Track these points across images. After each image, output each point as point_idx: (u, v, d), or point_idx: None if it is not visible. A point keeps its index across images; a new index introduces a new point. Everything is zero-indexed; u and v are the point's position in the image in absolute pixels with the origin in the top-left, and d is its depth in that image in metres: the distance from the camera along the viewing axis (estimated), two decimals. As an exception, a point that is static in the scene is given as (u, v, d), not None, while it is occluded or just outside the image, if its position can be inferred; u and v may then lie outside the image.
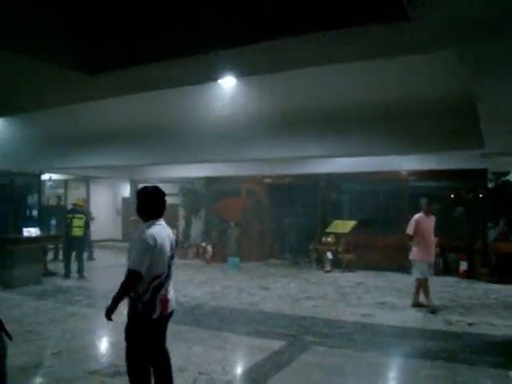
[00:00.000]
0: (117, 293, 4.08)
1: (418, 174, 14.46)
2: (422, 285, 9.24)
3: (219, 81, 7.05)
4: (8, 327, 7.51)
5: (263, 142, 10.00)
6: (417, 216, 9.49)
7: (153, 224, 4.27)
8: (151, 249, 4.06)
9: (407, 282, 12.22)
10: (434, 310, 8.83)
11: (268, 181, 16.88)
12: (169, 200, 16.93)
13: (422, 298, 9.30)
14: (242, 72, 5.06)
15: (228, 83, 7.61)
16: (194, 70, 4.49)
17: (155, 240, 4.10)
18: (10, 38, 3.84)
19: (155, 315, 4.20)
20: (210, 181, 17.43)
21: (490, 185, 13.56)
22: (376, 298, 10.31)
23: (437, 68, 6.45)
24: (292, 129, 9.55)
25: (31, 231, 11.57)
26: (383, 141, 9.13)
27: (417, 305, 9.26)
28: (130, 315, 4.21)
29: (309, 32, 3.40)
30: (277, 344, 6.89)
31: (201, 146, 10.59)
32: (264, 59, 4.16)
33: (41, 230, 12.17)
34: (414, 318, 8.52)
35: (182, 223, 18.44)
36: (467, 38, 3.62)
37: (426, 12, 3.07)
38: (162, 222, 4.40)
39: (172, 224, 18.14)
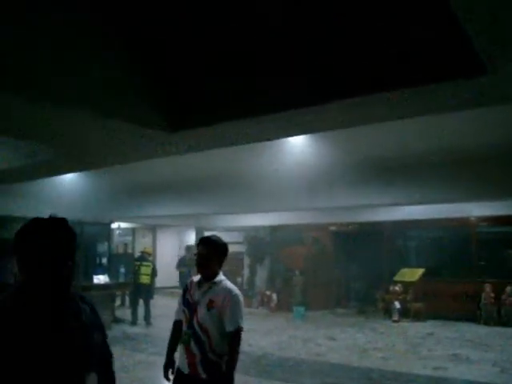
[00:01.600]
0: (232, 362, 3.70)
1: (488, 219, 14.01)
2: None
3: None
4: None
5: (327, 191, 9.99)
6: None
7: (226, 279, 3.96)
8: None
9: (479, 332, 11.77)
10: None
11: (333, 228, 16.71)
12: (234, 248, 16.94)
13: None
14: (315, 129, 5.10)
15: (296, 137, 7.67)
16: (271, 127, 4.52)
17: None
18: (90, 98, 3.94)
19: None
20: (274, 229, 17.41)
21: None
22: (448, 349, 9.89)
23: (507, 111, 6.28)
24: (358, 178, 9.51)
25: (101, 278, 11.84)
26: (451, 188, 8.96)
27: None
28: (212, 383, 3.70)
29: (387, 90, 3.38)
30: (345, 397, 6.68)
31: (265, 195, 10.66)
32: (340, 116, 4.17)
33: (110, 277, 12.42)
34: (490, 373, 8.08)
35: (246, 271, 18.40)
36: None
37: (503, 65, 3.02)
38: None
39: (237, 272, 18.34)
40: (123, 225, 18.65)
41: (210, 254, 3.83)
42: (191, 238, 20.79)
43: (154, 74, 4.08)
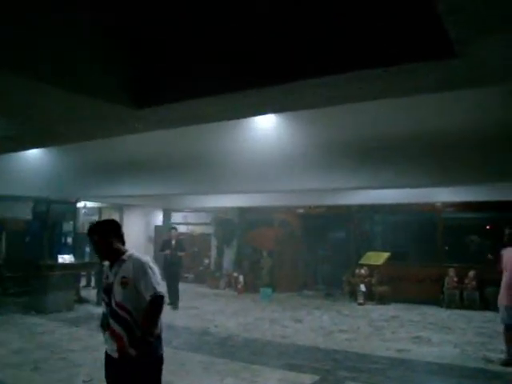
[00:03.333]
0: (148, 327, 3.59)
1: (454, 205, 14.24)
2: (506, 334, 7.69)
3: (260, 118, 7.08)
4: (41, 354, 7.56)
5: (297, 173, 9.94)
6: (503, 249, 8.03)
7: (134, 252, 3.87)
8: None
9: (441, 316, 12.01)
10: (506, 362, 7.51)
11: (301, 211, 16.79)
12: (201, 229, 16.95)
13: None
14: (283, 108, 5.05)
15: (265, 116, 7.62)
16: (238, 105, 4.48)
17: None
18: (55, 74, 3.87)
19: (163, 349, 3.81)
20: (242, 210, 17.41)
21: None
22: (411, 332, 10.05)
23: (479, 98, 6.35)
24: (327, 161, 9.48)
25: (66, 258, 11.70)
26: (419, 173, 8.96)
27: (507, 362, 7.47)
28: (139, 361, 3.57)
29: (357, 69, 3.37)
30: (309, 378, 6.76)
31: (235, 176, 10.57)
32: (311, 95, 4.14)
33: (75, 256, 12.28)
34: (450, 355, 8.23)
35: (214, 252, 18.42)
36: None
37: (474, 49, 3.03)
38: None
39: (204, 253, 18.33)
40: (89, 204, 18.40)
41: (99, 239, 3.83)
42: (158, 219, 20.67)
43: (119, 49, 4.01)
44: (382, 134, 8.38)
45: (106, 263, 3.91)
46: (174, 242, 12.20)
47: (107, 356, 3.76)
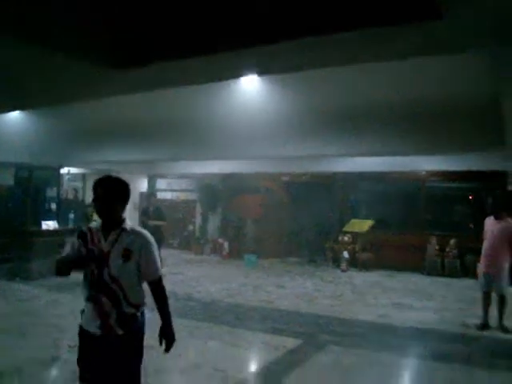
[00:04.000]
0: (167, 310, 3.59)
1: (437, 174, 14.37)
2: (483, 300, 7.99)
3: (241, 79, 7.01)
4: (26, 320, 7.61)
5: (282, 139, 9.92)
6: (487, 218, 8.13)
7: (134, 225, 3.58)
8: None
9: (423, 282, 12.23)
10: (482, 326, 7.81)
11: (286, 178, 16.85)
12: (186, 196, 16.88)
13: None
14: (266, 70, 5.02)
15: (250, 81, 7.58)
16: (217, 67, 4.45)
17: None
18: (34, 32, 3.79)
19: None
20: (227, 177, 17.40)
21: (511, 187, 13.46)
22: (392, 298, 10.25)
23: (459, 67, 6.36)
24: (311, 127, 9.46)
25: (49, 224, 11.67)
26: (403, 141, 9.00)
27: (483, 326, 7.80)
28: (128, 337, 3.38)
29: (337, 31, 3.34)
30: (292, 342, 6.87)
31: (220, 142, 10.53)
32: (291, 58, 4.12)
33: (59, 223, 12.26)
34: (430, 320, 8.43)
35: (198, 219, 18.46)
36: (496, 41, 3.54)
37: (458, 11, 3.00)
38: None
39: (189, 220, 18.34)
40: (73, 170, 18.26)
41: (111, 197, 3.38)
42: (143, 186, 20.63)
43: (96, 8, 3.89)
44: (365, 102, 8.37)
45: (94, 225, 3.51)
46: (151, 210, 11.52)
47: (83, 332, 3.44)
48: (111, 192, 3.39)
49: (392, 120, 8.73)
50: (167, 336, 3.53)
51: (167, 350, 3.49)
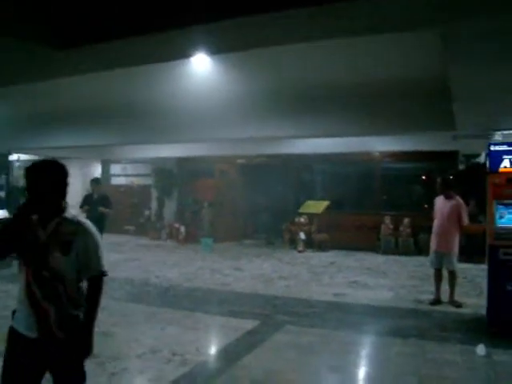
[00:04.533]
0: (94, 313, 3.02)
1: (391, 155, 14.64)
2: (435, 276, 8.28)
3: (194, 59, 6.92)
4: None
5: (237, 121, 9.89)
6: (437, 198, 8.40)
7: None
8: None
9: (378, 261, 12.50)
10: (434, 302, 8.09)
11: (241, 161, 16.90)
12: (141, 181, 16.64)
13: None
14: (216, 49, 4.96)
15: (201, 62, 7.50)
16: (165, 46, 4.39)
17: None
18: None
19: None
20: (182, 161, 17.33)
21: (461, 166, 13.81)
22: (348, 277, 10.43)
23: (410, 48, 6.44)
24: (266, 109, 9.45)
25: (-1, 213, 11.42)
26: (357, 122, 9.08)
27: (435, 301, 8.10)
28: (70, 342, 2.95)
29: (287, 8, 3.32)
30: (250, 324, 6.92)
31: (174, 125, 10.42)
32: (240, 35, 4.09)
33: (9, 211, 11.95)
34: (385, 297, 8.63)
35: (154, 204, 18.34)
36: (445, 17, 3.59)
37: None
38: None
39: (145, 205, 18.18)
40: (23, 156, 17.85)
41: (45, 183, 2.92)
42: (97, 172, 20.34)
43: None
44: (319, 83, 8.38)
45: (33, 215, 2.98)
46: (96, 197, 10.77)
47: (15, 334, 2.98)
48: (45, 178, 2.93)
49: (346, 101, 8.80)
50: (84, 345, 3.00)
51: (79, 360, 3.03)
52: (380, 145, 12.99)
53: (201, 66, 7.60)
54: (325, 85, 8.43)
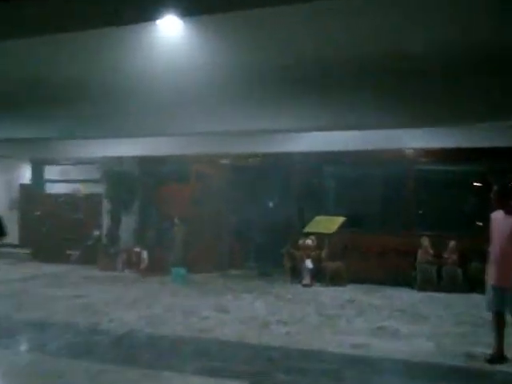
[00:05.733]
0: None
1: (430, 153, 14.51)
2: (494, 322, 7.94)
3: (162, 23, 6.87)
4: None
5: (220, 109, 9.85)
6: (493, 213, 8.03)
7: None
8: None
9: (413, 299, 12.43)
10: (493, 358, 7.78)
11: (226, 162, 16.83)
12: (88, 188, 16.58)
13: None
14: (187, 9, 4.93)
15: (173, 26, 7.45)
16: (125, 5, 4.37)
17: None
18: None
19: None
20: (146, 162, 17.24)
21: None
22: (372, 321, 10.36)
23: (457, 10, 6.41)
24: (257, 93, 9.42)
25: None
26: (381, 109, 9.03)
27: (495, 358, 7.76)
28: None
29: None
30: (237, 386, 6.86)
31: (134, 113, 10.38)
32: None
33: None
34: (422, 350, 8.54)
35: (106, 220, 18.23)
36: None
37: None
38: None
39: (92, 222, 18.07)
40: None
41: None
42: (25, 176, 20.26)
43: None
44: (330, 56, 8.31)
45: None
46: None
47: None
48: None
49: (366, 81, 8.75)
50: None
51: None
52: (414, 139, 12.83)
53: (171, 31, 7.54)
54: (341, 58, 8.37)
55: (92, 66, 9.14)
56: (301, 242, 14.94)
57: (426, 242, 13.86)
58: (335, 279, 14.23)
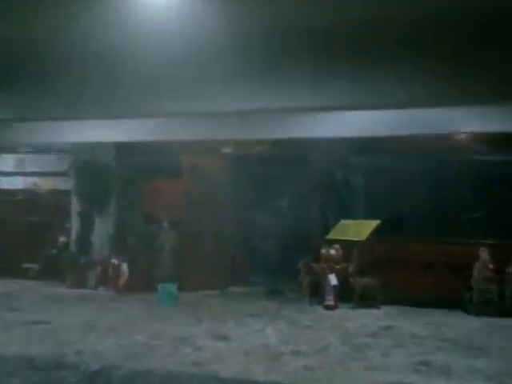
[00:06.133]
0: None
1: (491, 140, 14.39)
2: None
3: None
4: None
5: (216, 85, 9.87)
6: None
7: None
8: None
9: (467, 327, 12.36)
10: None
11: (228, 151, 16.82)
12: (52, 183, 16.76)
13: None
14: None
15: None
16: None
17: None
18: None
19: None
20: (125, 150, 17.22)
21: None
22: (414, 355, 10.30)
23: None
24: (263, 62, 9.45)
25: None
26: (423, 82, 9.04)
27: None
28: None
29: None
30: None
31: (111, 89, 10.41)
32: None
33: None
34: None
35: (76, 224, 18.27)
36: None
37: None
38: None
39: (58, 226, 18.08)
40: None
41: None
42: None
43: None
44: (357, 17, 8.33)
45: None
46: None
47: None
48: None
49: (403, 46, 8.74)
50: None
51: None
52: (468, 122, 12.80)
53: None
54: (367, 19, 8.36)
55: (63, 31, 9.17)
56: (323, 251, 14.85)
57: (484, 253, 13.74)
58: (366, 299, 14.18)
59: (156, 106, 10.60)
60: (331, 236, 14.83)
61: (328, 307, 14.04)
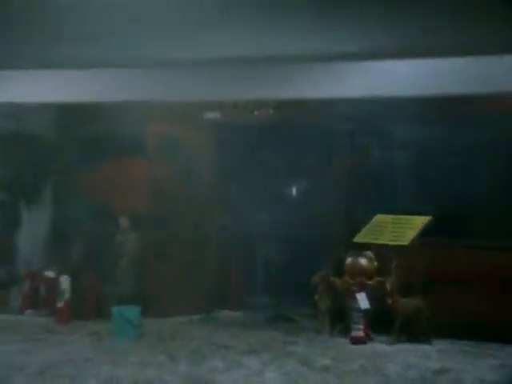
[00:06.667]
0: None
1: None
2: None
3: None
4: None
5: (194, 25, 9.70)
6: None
7: None
8: None
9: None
10: None
11: (214, 116, 16.49)
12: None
13: None
14: None
15: None
16: None
17: None
18: None
19: None
20: (64, 115, 16.97)
21: None
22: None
23: None
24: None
25: None
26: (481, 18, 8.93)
27: None
28: None
29: None
30: None
31: (49, 30, 10.25)
32: None
33: None
34: None
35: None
36: None
37: None
38: None
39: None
40: None
41: None
42: None
43: None
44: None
45: None
46: None
47: None
48: None
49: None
50: None
51: None
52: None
53: None
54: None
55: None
56: (348, 261, 14.57)
57: None
58: (412, 330, 13.88)
59: (112, 52, 10.40)
60: (360, 239, 14.59)
61: (356, 340, 13.78)
